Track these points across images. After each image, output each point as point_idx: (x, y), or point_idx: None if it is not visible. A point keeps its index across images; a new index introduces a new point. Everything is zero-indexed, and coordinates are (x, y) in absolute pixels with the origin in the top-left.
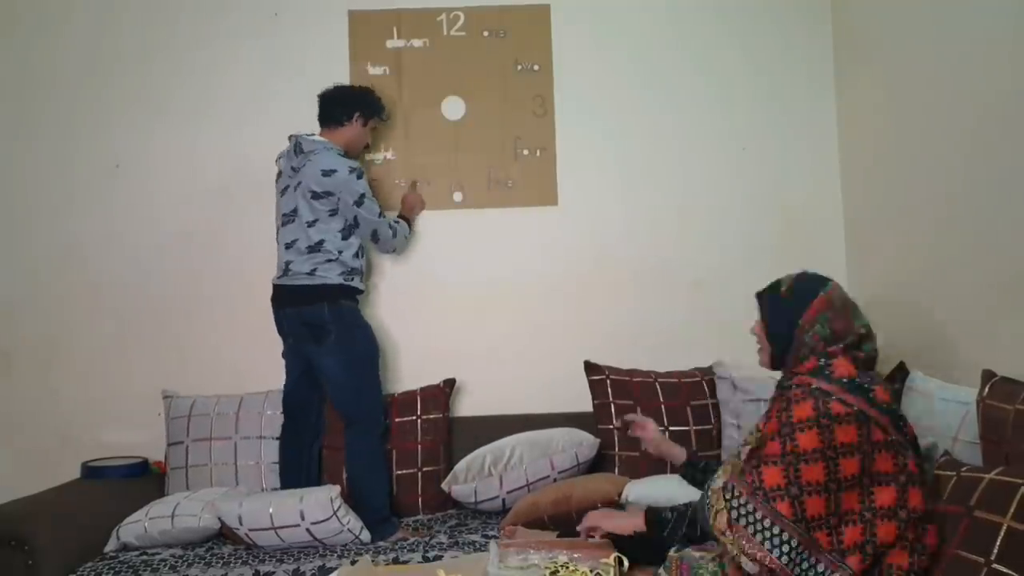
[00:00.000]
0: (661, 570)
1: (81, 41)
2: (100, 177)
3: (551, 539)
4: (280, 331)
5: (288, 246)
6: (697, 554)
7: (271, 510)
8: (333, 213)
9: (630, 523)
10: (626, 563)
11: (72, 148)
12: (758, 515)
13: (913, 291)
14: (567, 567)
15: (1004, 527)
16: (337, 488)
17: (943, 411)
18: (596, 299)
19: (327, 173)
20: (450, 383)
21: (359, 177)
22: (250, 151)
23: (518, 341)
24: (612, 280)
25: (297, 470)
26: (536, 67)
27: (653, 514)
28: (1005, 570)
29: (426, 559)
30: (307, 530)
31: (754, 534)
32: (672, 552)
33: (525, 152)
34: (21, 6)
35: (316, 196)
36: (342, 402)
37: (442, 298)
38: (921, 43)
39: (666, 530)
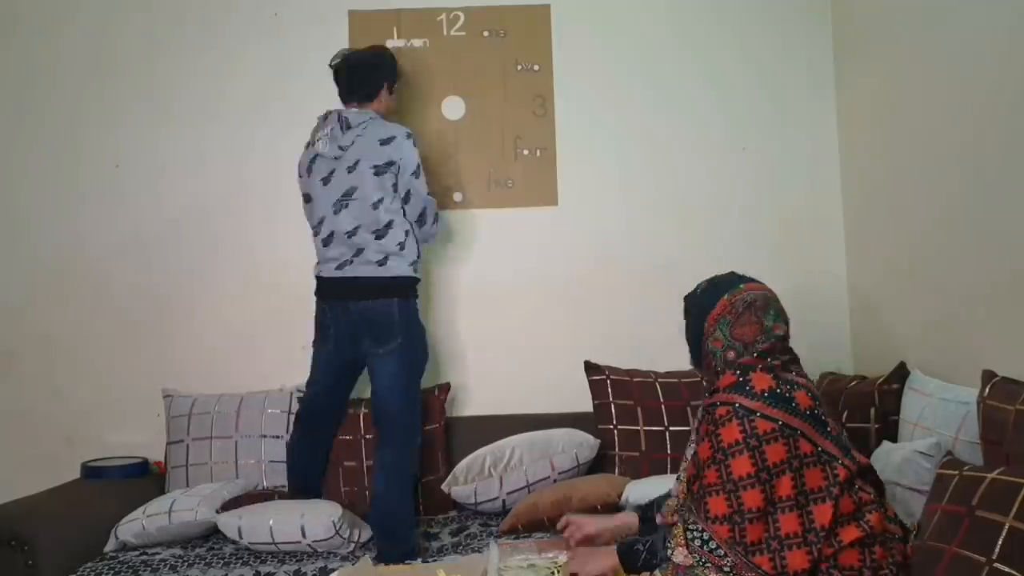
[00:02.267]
0: (658, 572)
1: (82, 41)
2: (102, 177)
3: (552, 539)
4: (326, 331)
5: (350, 234)
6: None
7: (271, 523)
8: (396, 187)
9: (605, 565)
10: None
11: (74, 148)
12: (705, 536)
13: (913, 291)
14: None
15: (1006, 526)
16: (339, 508)
17: (943, 411)
18: (596, 299)
19: (386, 141)
20: (445, 388)
21: (415, 144)
22: (250, 151)
23: (518, 341)
24: (612, 280)
25: (306, 474)
26: (536, 67)
27: (625, 550)
28: (1007, 569)
29: (425, 559)
30: (309, 546)
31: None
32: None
33: (525, 152)
34: (23, 6)
35: (379, 171)
36: (389, 413)
37: (442, 298)
38: (921, 43)
39: (639, 562)
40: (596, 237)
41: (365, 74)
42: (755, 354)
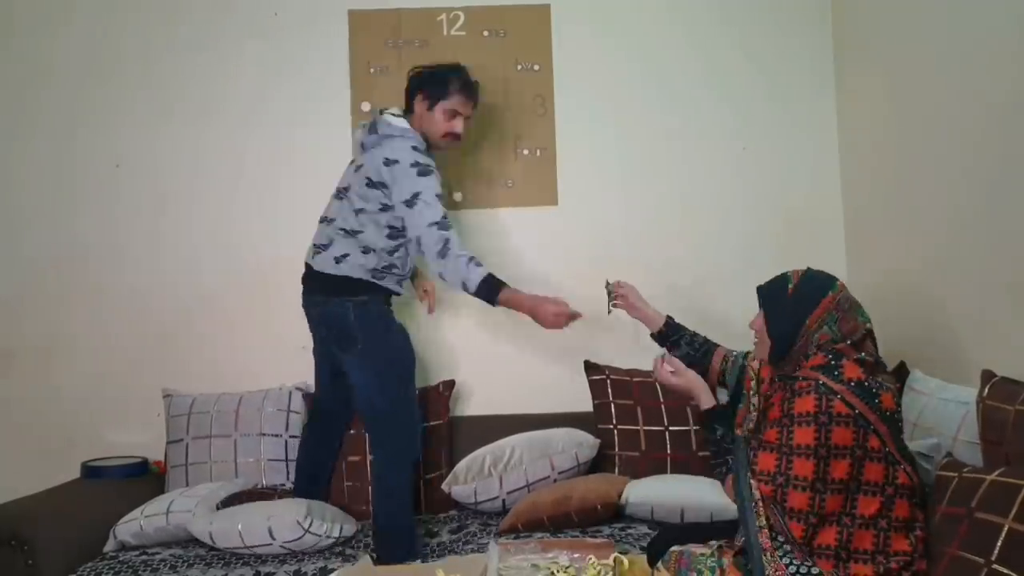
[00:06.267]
0: (660, 564)
1: (82, 41)
2: (101, 177)
3: (552, 539)
4: (308, 323)
5: (329, 221)
6: (697, 550)
7: (239, 527)
8: (384, 209)
9: (697, 396)
10: (626, 562)
11: (73, 148)
12: None
13: (913, 291)
14: (568, 570)
15: (1005, 528)
16: (304, 506)
17: (943, 411)
18: (596, 299)
19: (388, 162)
20: (449, 385)
21: (421, 175)
22: (250, 150)
23: (518, 341)
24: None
25: (312, 479)
26: (536, 67)
27: (712, 418)
28: (1005, 571)
29: (426, 559)
30: (281, 546)
31: None
32: (674, 548)
33: (525, 152)
34: (21, 6)
35: (371, 185)
36: (371, 421)
37: (441, 298)
38: (922, 42)
39: (715, 434)
40: (596, 237)
41: (409, 85)
42: (850, 343)
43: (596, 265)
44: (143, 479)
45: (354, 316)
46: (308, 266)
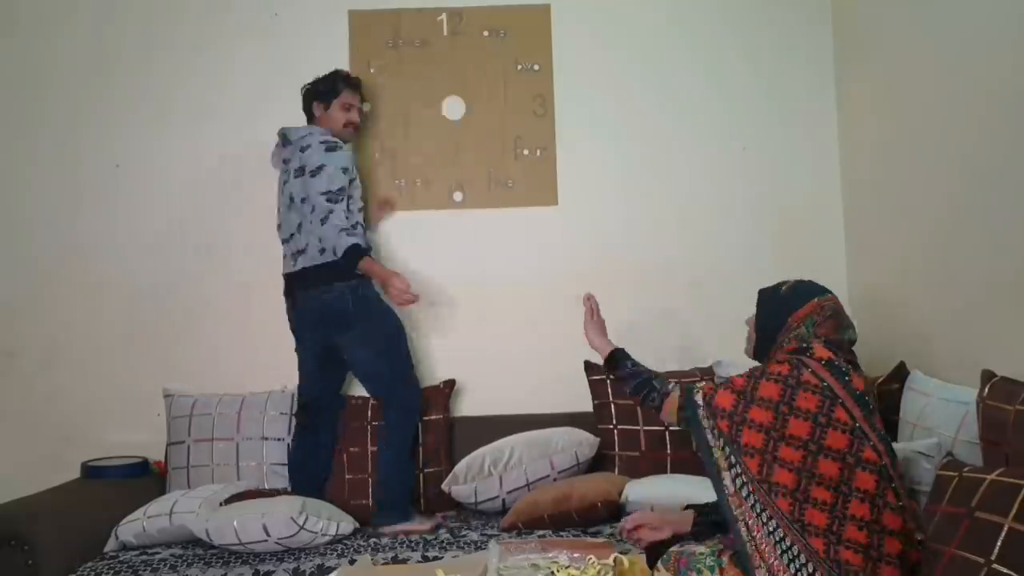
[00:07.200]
0: (660, 564)
1: (82, 42)
2: (101, 177)
3: (552, 539)
4: (295, 327)
5: (299, 227)
6: (696, 549)
7: (235, 524)
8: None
9: (680, 526)
10: (626, 562)
11: (74, 148)
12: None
13: (913, 291)
14: (567, 570)
15: (1005, 528)
16: (298, 503)
17: (943, 411)
18: (596, 299)
19: (304, 148)
20: (450, 384)
21: (328, 151)
22: (251, 151)
23: (518, 341)
24: (612, 280)
25: (308, 471)
26: (536, 67)
27: (698, 512)
28: (1005, 570)
29: (426, 558)
30: (277, 543)
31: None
32: (673, 548)
33: (525, 152)
34: (23, 6)
35: (315, 173)
36: (378, 389)
37: (442, 298)
38: (921, 43)
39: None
40: (596, 237)
41: (304, 103)
42: (823, 341)
43: (596, 265)
44: (144, 479)
45: (352, 303)
46: (291, 275)
